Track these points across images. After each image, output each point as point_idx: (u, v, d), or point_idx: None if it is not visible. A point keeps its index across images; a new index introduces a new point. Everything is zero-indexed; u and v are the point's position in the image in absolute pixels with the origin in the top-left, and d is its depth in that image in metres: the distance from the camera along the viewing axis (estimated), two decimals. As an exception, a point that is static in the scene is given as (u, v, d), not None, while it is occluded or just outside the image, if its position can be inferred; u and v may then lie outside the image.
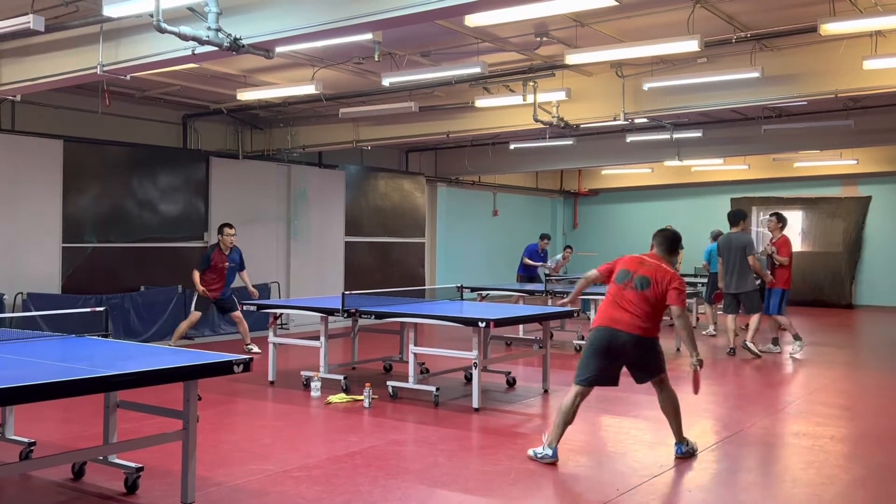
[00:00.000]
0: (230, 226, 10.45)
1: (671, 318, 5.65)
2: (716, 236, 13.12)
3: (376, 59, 8.03)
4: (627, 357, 5.52)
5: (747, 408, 7.46)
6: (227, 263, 10.31)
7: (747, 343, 10.23)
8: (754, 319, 10.32)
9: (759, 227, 19.01)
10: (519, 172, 19.28)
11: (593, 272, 5.83)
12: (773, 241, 10.58)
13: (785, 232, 10.71)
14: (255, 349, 10.37)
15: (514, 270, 15.31)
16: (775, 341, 10.79)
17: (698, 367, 5.48)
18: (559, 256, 15.74)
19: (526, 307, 10.01)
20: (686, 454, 5.61)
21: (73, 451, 5.15)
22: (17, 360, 4.49)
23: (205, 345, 10.85)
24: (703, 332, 12.74)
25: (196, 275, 10.08)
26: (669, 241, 5.73)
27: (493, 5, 6.08)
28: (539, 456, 5.48)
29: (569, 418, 5.48)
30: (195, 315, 10.21)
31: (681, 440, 5.65)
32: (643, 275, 5.52)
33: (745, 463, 5.59)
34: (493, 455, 5.67)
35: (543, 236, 14.80)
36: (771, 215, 10.98)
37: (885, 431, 6.58)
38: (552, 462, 5.40)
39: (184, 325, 10.28)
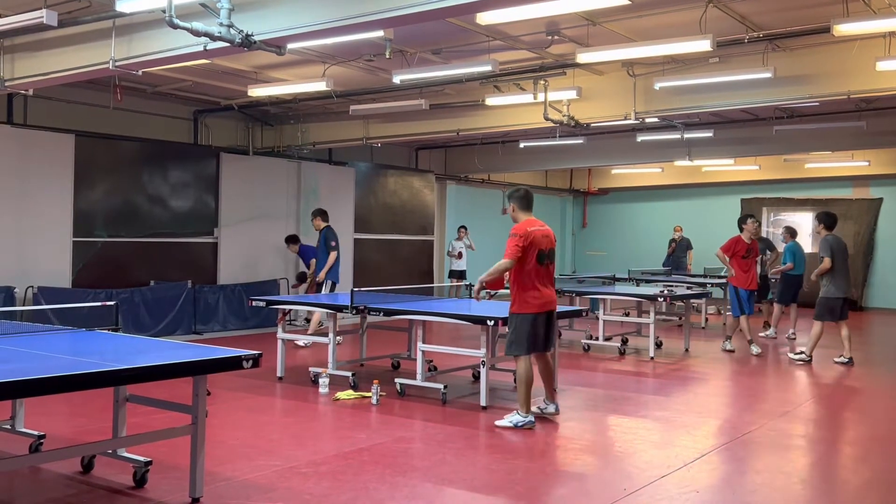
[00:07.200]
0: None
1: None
2: (793, 234, 12.86)
3: (387, 56, 8.04)
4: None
5: (756, 409, 7.43)
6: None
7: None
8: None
9: (769, 228, 18.96)
10: (528, 171, 19.26)
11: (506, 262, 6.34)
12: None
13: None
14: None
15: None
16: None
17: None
18: (454, 240, 15.65)
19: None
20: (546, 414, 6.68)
21: (82, 445, 5.18)
22: (28, 353, 4.52)
23: (213, 340, 10.90)
24: (763, 335, 12.44)
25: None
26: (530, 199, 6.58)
27: (505, 3, 6.07)
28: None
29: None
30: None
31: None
32: (551, 247, 6.47)
33: (754, 464, 5.57)
34: (500, 453, 5.67)
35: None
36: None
37: (894, 434, 6.54)
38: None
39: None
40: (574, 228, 22.48)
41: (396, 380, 7.70)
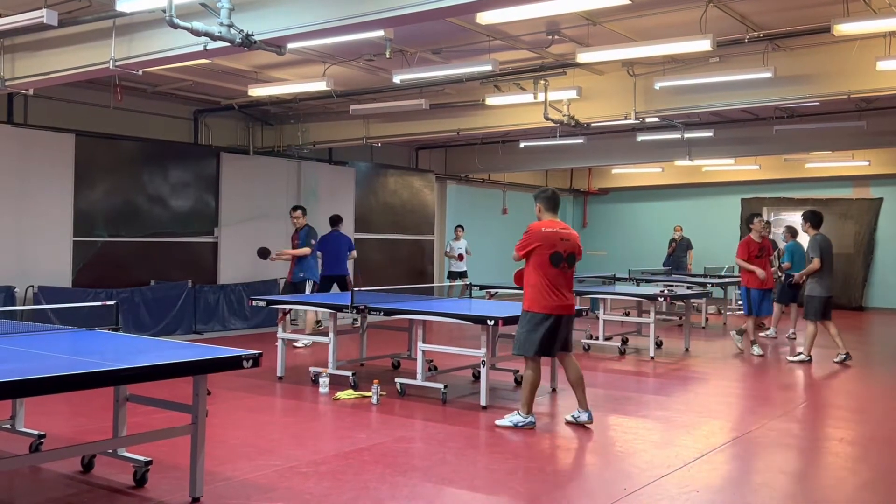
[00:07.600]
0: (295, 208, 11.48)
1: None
2: (793, 234, 12.74)
3: (387, 56, 8.04)
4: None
5: (756, 409, 7.44)
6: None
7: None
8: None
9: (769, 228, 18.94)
10: (529, 171, 19.27)
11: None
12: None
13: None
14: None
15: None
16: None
17: None
18: (453, 241, 15.76)
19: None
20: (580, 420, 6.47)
21: (82, 444, 5.18)
22: (28, 352, 4.52)
23: (214, 340, 10.89)
24: (763, 335, 12.38)
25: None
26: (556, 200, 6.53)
27: (505, 3, 6.07)
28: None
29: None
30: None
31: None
32: (571, 251, 6.36)
33: (754, 464, 5.57)
34: (500, 453, 5.67)
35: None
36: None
37: (894, 434, 6.54)
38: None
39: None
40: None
41: (397, 379, 7.70)
